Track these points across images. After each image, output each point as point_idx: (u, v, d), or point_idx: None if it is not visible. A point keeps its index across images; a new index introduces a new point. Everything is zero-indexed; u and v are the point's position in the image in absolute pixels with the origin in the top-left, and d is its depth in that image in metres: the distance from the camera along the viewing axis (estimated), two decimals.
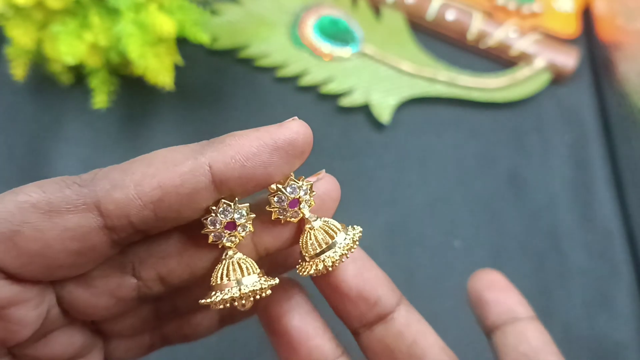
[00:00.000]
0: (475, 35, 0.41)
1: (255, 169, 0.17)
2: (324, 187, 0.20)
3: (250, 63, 0.40)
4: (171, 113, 0.38)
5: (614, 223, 0.37)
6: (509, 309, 0.24)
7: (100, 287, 0.19)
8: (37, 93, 0.38)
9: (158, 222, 0.17)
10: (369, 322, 0.21)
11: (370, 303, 0.20)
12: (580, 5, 0.43)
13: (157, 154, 0.17)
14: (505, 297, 0.24)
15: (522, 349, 0.23)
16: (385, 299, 0.20)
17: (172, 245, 0.19)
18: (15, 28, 0.32)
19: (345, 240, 0.19)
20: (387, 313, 0.21)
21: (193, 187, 0.17)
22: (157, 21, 0.32)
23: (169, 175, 0.17)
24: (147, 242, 0.19)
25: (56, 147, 0.36)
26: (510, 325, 0.23)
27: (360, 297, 0.20)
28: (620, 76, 0.39)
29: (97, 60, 0.34)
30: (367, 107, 0.39)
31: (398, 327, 0.21)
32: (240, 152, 0.17)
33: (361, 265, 0.20)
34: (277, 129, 0.18)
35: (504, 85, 0.40)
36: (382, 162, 0.38)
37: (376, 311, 0.20)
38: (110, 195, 0.17)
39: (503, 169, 0.38)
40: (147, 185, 0.17)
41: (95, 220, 0.17)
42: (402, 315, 0.21)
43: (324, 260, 0.19)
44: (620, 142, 0.39)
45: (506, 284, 0.24)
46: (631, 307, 0.35)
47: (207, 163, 0.17)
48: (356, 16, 0.42)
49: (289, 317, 0.20)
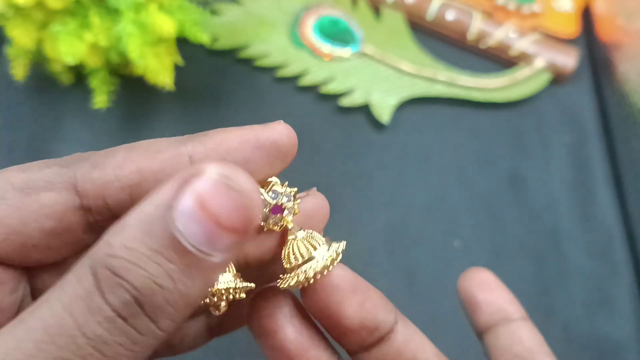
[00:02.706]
0: (475, 35, 0.41)
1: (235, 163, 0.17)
2: (313, 204, 0.19)
3: (250, 63, 0.40)
4: (171, 113, 0.38)
5: (614, 223, 0.37)
6: (501, 309, 0.23)
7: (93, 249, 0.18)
8: (37, 93, 0.37)
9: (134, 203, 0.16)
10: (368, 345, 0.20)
11: (371, 330, 0.20)
12: (580, 5, 0.43)
13: (140, 142, 0.17)
14: (496, 297, 0.24)
15: (515, 350, 0.23)
16: (384, 323, 0.20)
17: None
18: (15, 28, 0.32)
19: (329, 252, 0.18)
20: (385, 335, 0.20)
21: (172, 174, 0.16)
22: (157, 21, 0.32)
23: (148, 161, 0.17)
24: None
25: (56, 147, 0.36)
26: (503, 325, 0.23)
27: (362, 328, 0.20)
28: (620, 76, 0.39)
29: (97, 60, 0.34)
30: (367, 107, 0.39)
31: (397, 345, 0.20)
32: (222, 145, 0.17)
33: (362, 295, 0.19)
34: (262, 128, 0.18)
35: (504, 85, 0.40)
36: (382, 162, 0.38)
37: (376, 336, 0.20)
38: (88, 174, 0.17)
39: (503, 169, 0.38)
40: (126, 168, 0.17)
41: (71, 199, 0.17)
42: (400, 333, 0.20)
43: (305, 272, 0.18)
44: (620, 142, 0.39)
45: (497, 284, 0.24)
46: (631, 307, 0.35)
47: (188, 153, 0.17)
48: (356, 16, 0.42)
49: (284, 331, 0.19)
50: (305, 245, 0.18)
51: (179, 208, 0.14)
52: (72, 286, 0.14)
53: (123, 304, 0.14)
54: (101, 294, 0.14)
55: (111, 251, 0.14)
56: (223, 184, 0.14)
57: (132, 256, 0.14)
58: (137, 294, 0.14)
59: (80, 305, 0.14)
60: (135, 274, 0.14)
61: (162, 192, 0.14)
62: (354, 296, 0.19)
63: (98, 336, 0.14)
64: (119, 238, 0.14)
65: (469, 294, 0.24)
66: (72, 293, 0.14)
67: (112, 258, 0.14)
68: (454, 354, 0.22)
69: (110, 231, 0.14)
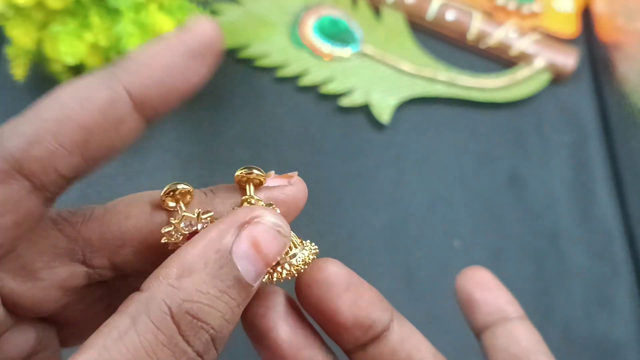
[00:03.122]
0: (475, 35, 0.41)
1: (174, 82, 0.17)
2: (292, 193, 0.19)
3: (250, 63, 0.40)
4: (171, 113, 0.38)
5: (614, 223, 0.37)
6: (499, 309, 0.23)
7: (48, 280, 0.18)
8: (37, 93, 0.37)
9: (89, 163, 0.16)
10: (363, 344, 0.20)
11: (365, 328, 0.20)
12: (580, 5, 0.43)
13: (62, 93, 0.16)
14: (494, 297, 0.24)
15: (512, 349, 0.23)
16: (379, 321, 0.20)
17: (128, 233, 0.18)
18: (15, 28, 0.32)
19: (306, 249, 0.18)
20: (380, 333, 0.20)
21: (116, 118, 0.16)
22: (157, 21, 0.32)
23: (87, 114, 0.16)
24: (94, 223, 0.18)
25: None
26: (500, 325, 0.23)
27: (356, 325, 0.19)
28: (620, 76, 0.39)
29: (97, 60, 0.34)
30: (367, 107, 0.39)
31: (392, 344, 0.20)
32: (157, 68, 0.16)
33: (355, 292, 0.19)
34: (187, 33, 0.17)
35: (504, 85, 0.40)
36: (382, 162, 0.38)
37: (370, 334, 0.20)
38: (29, 154, 0.15)
39: (503, 169, 0.38)
40: (66, 131, 0.15)
41: (22, 185, 0.15)
42: (395, 332, 0.20)
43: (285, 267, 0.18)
44: (620, 142, 0.39)
45: (495, 283, 0.24)
46: (631, 307, 0.35)
47: (124, 89, 0.16)
48: (356, 16, 0.42)
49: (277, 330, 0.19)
50: None
51: (236, 250, 0.16)
52: (152, 331, 0.15)
53: (204, 344, 0.15)
54: (184, 338, 0.15)
55: (187, 296, 0.15)
56: (274, 229, 0.16)
57: (208, 299, 0.15)
58: (214, 334, 0.15)
59: (165, 351, 0.15)
60: (213, 315, 0.15)
61: (219, 234, 0.16)
62: (348, 293, 0.19)
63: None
64: (189, 282, 0.15)
65: (466, 293, 0.24)
66: (153, 339, 0.15)
67: (190, 303, 0.15)
68: (453, 354, 0.22)
69: (172, 272, 0.15)
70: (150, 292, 0.15)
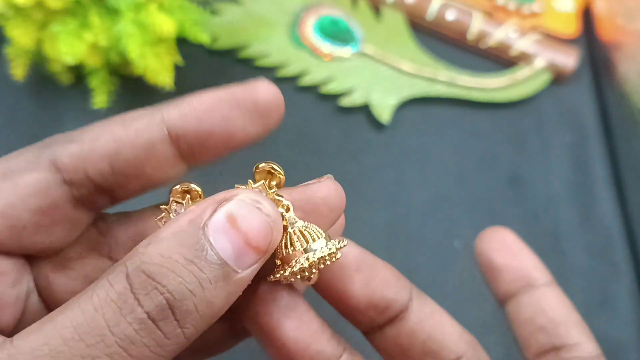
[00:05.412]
0: (475, 35, 0.41)
1: (213, 124, 0.17)
2: (322, 193, 0.18)
3: (250, 63, 0.40)
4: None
5: (614, 223, 0.37)
6: (523, 275, 0.21)
7: (77, 270, 0.18)
8: (37, 93, 0.37)
9: (117, 178, 0.17)
10: (379, 325, 0.19)
11: (380, 309, 0.19)
12: (580, 5, 0.43)
13: (117, 116, 0.18)
14: (518, 261, 0.21)
15: (539, 321, 0.21)
16: (395, 302, 0.19)
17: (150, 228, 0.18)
18: (15, 28, 0.32)
19: (328, 245, 0.17)
20: (397, 314, 0.19)
21: (148, 139, 0.17)
22: (157, 21, 0.32)
23: (123, 129, 0.17)
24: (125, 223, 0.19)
25: None
26: (525, 293, 0.21)
27: (369, 307, 0.19)
28: (620, 76, 0.39)
29: (97, 60, 0.34)
30: (367, 107, 0.39)
31: (410, 325, 0.19)
32: (197, 106, 0.17)
33: (367, 273, 0.19)
34: (239, 86, 0.18)
35: (504, 85, 0.40)
36: (382, 162, 0.38)
37: (387, 315, 0.19)
38: (65, 149, 0.17)
39: (503, 169, 0.38)
40: (102, 139, 0.17)
41: (52, 175, 0.17)
42: (414, 313, 0.19)
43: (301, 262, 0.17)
44: (620, 142, 0.39)
45: (519, 245, 0.22)
46: (631, 307, 0.35)
47: (162, 117, 0.17)
48: (356, 16, 0.42)
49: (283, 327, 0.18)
50: (302, 237, 0.17)
51: (211, 223, 0.15)
52: (105, 288, 0.15)
53: (156, 306, 0.14)
54: (135, 296, 0.15)
55: (147, 258, 0.15)
56: (253, 206, 0.16)
57: (168, 263, 0.15)
58: (170, 298, 0.15)
59: (112, 307, 0.14)
60: (171, 279, 0.15)
61: (195, 210, 0.15)
62: (360, 274, 0.19)
63: (127, 336, 0.14)
64: (154, 247, 0.15)
65: (487, 258, 0.22)
66: (104, 295, 0.15)
67: (149, 264, 0.15)
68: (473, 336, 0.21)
69: (143, 243, 0.15)
70: (121, 260, 0.15)
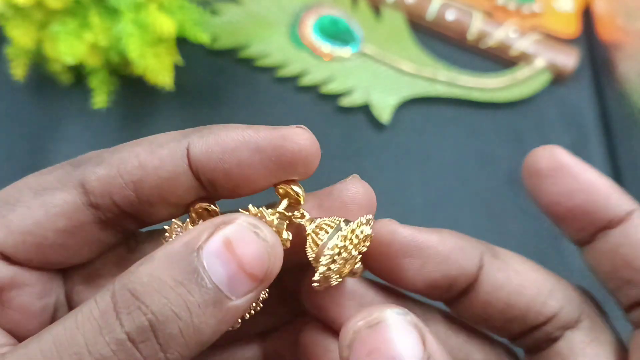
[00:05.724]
0: (475, 35, 0.41)
1: (231, 166, 0.16)
2: (349, 192, 0.18)
3: (250, 63, 0.40)
4: (171, 113, 0.38)
5: None
6: (596, 208, 0.17)
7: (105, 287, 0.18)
8: (37, 93, 0.37)
9: (142, 205, 0.17)
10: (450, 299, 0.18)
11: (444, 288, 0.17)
12: (581, 5, 0.43)
13: (147, 138, 0.17)
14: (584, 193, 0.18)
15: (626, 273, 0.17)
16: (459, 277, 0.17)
17: None
18: (15, 28, 0.32)
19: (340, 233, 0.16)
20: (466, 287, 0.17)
21: (171, 169, 0.17)
22: (157, 21, 0.32)
23: (150, 156, 0.17)
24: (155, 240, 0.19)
25: (56, 147, 0.36)
26: (603, 233, 0.18)
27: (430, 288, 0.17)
28: (620, 76, 0.39)
29: (97, 60, 0.34)
30: (367, 107, 0.39)
31: (482, 297, 0.17)
32: (220, 143, 0.17)
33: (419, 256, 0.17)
34: (268, 130, 0.17)
35: (504, 85, 0.40)
36: (382, 162, 0.38)
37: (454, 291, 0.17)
38: (94, 172, 0.17)
39: (503, 169, 0.38)
40: (129, 164, 0.17)
41: (79, 197, 0.17)
42: (484, 283, 0.17)
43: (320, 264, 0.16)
44: (620, 142, 0.39)
45: (582, 168, 0.18)
46: None
47: (187, 147, 0.17)
48: (356, 16, 0.42)
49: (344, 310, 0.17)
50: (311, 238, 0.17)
51: (206, 247, 0.14)
52: (90, 306, 0.14)
53: (137, 327, 0.14)
54: (116, 314, 0.14)
55: (135, 277, 0.14)
56: (251, 231, 0.15)
57: (155, 283, 0.14)
58: (153, 319, 0.14)
59: (93, 324, 0.14)
60: (155, 299, 0.14)
61: (192, 232, 0.15)
62: (410, 260, 0.17)
63: (103, 356, 0.14)
64: (143, 267, 0.14)
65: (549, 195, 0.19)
66: (87, 312, 0.14)
67: (135, 283, 0.14)
68: None
69: (137, 262, 0.15)
70: None
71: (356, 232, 0.16)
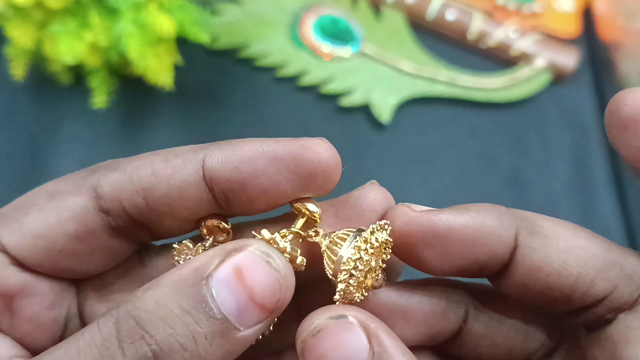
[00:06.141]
0: (476, 35, 0.41)
1: (247, 176, 0.16)
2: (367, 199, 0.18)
3: (250, 63, 0.40)
4: (171, 113, 0.38)
5: (614, 223, 0.37)
6: None
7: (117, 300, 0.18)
8: (37, 93, 0.37)
9: (151, 214, 0.17)
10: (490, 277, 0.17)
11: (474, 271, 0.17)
12: (581, 5, 0.43)
13: (167, 149, 0.17)
14: None
15: None
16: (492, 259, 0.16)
17: None
18: (15, 28, 0.32)
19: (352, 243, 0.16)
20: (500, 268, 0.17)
21: (183, 179, 0.16)
22: (157, 21, 0.32)
23: (164, 164, 0.17)
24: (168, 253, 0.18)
25: (56, 147, 0.36)
26: None
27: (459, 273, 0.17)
28: (620, 76, 0.39)
29: (97, 60, 0.34)
30: (367, 107, 0.39)
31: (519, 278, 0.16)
32: (237, 152, 0.16)
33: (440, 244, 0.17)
34: (287, 140, 0.16)
35: (504, 85, 0.40)
36: (382, 162, 0.38)
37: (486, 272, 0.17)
38: (107, 176, 0.17)
39: (503, 169, 0.38)
40: (142, 171, 0.16)
41: (91, 202, 0.17)
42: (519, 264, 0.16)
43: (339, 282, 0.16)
44: None
45: None
46: None
47: (202, 157, 0.16)
48: (356, 16, 0.42)
49: None
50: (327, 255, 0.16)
51: (216, 274, 0.14)
52: (92, 332, 0.14)
53: (140, 358, 0.13)
54: (119, 343, 0.13)
55: (141, 304, 0.14)
56: (263, 260, 0.14)
57: (161, 311, 0.14)
58: (157, 350, 0.13)
59: (94, 352, 0.13)
60: (161, 329, 0.13)
61: (202, 258, 0.14)
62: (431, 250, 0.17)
63: None
64: (151, 293, 0.14)
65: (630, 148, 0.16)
66: (89, 339, 0.14)
67: (140, 310, 0.14)
68: None
69: (144, 287, 0.14)
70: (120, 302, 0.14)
71: (371, 241, 0.16)
